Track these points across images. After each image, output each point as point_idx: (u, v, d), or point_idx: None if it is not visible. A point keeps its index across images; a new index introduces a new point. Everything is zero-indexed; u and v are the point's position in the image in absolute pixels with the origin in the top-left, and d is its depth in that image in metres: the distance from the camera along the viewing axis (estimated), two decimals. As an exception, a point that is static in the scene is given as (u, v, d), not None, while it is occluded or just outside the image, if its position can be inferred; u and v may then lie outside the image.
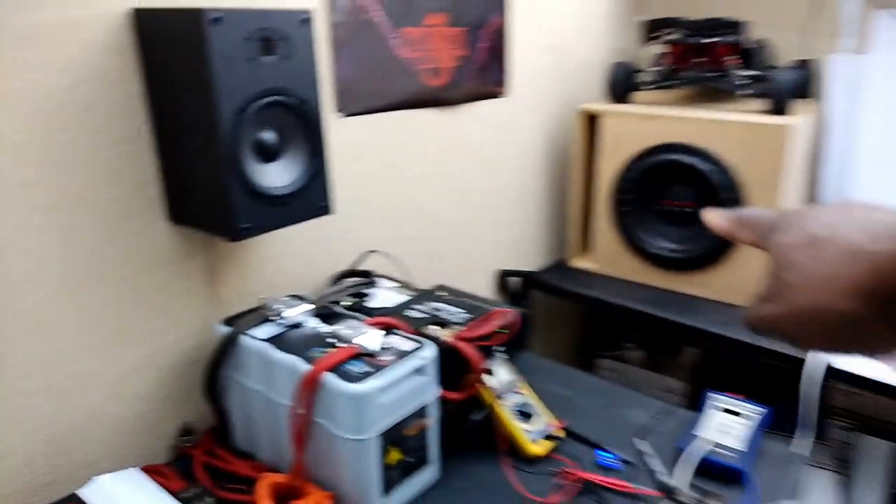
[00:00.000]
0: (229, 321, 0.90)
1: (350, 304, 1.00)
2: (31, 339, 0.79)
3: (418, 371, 0.82)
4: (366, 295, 1.03)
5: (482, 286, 1.51)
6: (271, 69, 0.75)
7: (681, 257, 1.42)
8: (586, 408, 1.06)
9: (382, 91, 1.11)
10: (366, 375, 0.76)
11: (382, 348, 0.81)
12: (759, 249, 0.46)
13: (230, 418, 0.94)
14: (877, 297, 0.37)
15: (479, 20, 1.26)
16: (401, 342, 0.84)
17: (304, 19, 0.76)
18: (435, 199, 1.31)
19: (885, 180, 1.56)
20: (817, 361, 1.15)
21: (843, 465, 1.50)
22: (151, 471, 0.85)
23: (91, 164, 0.80)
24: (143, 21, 0.77)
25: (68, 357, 0.83)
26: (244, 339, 0.86)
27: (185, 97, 0.75)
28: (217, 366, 0.88)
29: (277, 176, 0.81)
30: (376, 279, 1.07)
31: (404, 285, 1.09)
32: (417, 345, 0.83)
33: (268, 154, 0.80)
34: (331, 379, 0.76)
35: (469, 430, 0.95)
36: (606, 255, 1.52)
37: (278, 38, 0.74)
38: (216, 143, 0.73)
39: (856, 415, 1.54)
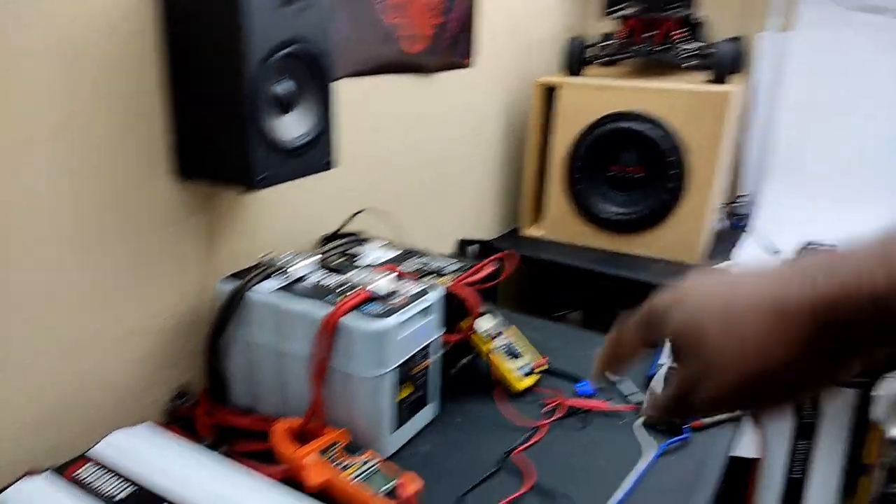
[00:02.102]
0: (232, 278, 0.91)
1: (342, 261, 1.04)
2: (37, 302, 0.77)
3: (425, 311, 0.87)
4: (356, 255, 1.07)
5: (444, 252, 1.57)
6: (292, 19, 0.77)
7: (626, 219, 1.54)
8: (557, 348, 1.16)
9: (367, 56, 1.14)
10: (383, 315, 0.81)
11: (393, 292, 0.86)
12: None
13: (228, 377, 0.95)
14: (818, 339, 0.38)
15: (453, -10, 1.30)
16: (409, 286, 0.89)
17: (322, -30, 0.79)
18: (407, 165, 1.35)
19: (802, 145, 1.76)
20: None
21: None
22: (158, 429, 0.86)
23: (102, 119, 0.79)
24: (164, -28, 0.77)
25: (68, 321, 0.81)
26: (251, 294, 0.88)
27: (208, 48, 0.76)
28: (225, 322, 0.89)
29: (290, 128, 0.84)
30: (366, 238, 1.11)
31: (392, 244, 1.14)
32: (424, 287, 0.89)
33: (283, 105, 0.82)
34: (351, 319, 0.81)
35: (458, 372, 1.02)
36: (558, 222, 1.62)
37: (299, -12, 0.76)
38: (239, 94, 0.75)
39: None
